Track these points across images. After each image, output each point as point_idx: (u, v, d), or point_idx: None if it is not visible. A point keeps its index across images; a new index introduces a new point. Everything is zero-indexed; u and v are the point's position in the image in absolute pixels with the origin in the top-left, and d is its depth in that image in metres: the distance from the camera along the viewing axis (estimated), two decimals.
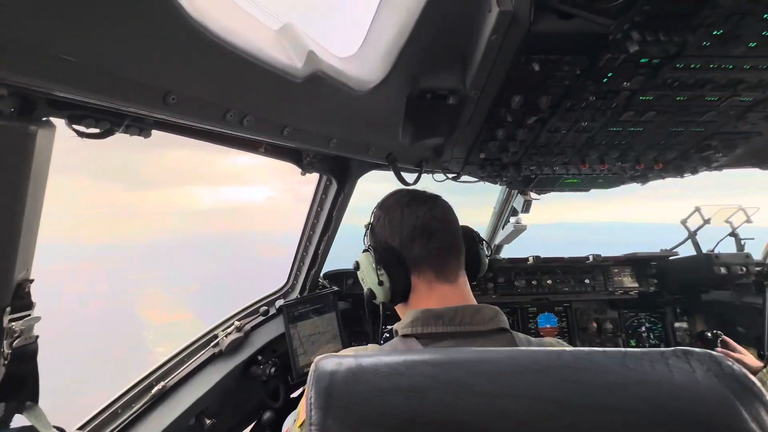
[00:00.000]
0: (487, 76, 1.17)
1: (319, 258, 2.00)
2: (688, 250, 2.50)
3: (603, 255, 2.49)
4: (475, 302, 0.96)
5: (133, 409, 1.55)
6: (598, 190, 2.15)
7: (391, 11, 1.13)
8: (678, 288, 2.48)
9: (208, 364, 1.82)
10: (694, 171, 1.86)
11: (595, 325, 2.58)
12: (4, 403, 0.88)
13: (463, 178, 2.05)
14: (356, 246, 1.18)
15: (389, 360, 0.47)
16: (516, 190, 2.66)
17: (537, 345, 0.89)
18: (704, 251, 2.37)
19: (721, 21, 0.97)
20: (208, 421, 1.73)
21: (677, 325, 2.57)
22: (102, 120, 0.78)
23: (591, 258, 2.46)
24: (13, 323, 0.83)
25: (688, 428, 0.42)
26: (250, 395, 2.01)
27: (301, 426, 0.79)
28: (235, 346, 1.90)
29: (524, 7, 0.94)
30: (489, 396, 0.43)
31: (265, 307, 2.02)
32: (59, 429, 0.98)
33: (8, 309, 0.82)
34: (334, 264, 2.29)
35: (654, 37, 0.99)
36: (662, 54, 1.09)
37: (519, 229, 2.78)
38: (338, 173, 1.65)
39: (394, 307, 1.09)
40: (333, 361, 0.47)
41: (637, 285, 2.52)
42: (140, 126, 0.87)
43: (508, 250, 3.14)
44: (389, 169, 1.61)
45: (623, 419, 0.42)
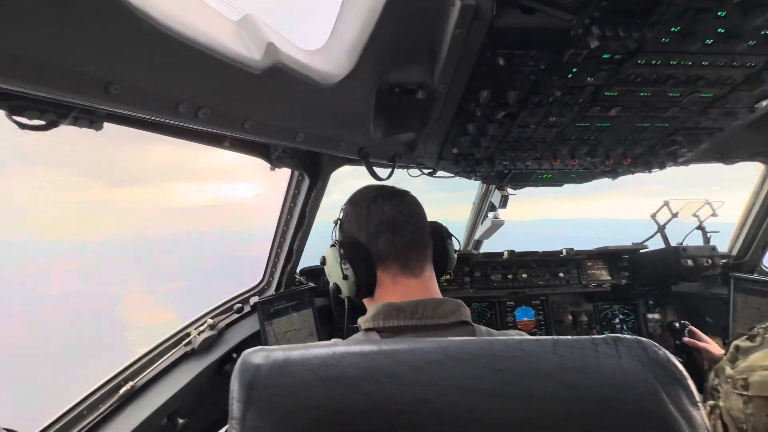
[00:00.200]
0: (453, 70, 1.17)
1: (294, 254, 1.98)
2: (658, 244, 2.57)
3: (576, 249, 2.54)
4: (438, 296, 0.96)
5: (100, 411, 1.51)
6: (583, 189, 2.19)
7: (356, 4, 1.11)
8: (649, 280, 2.55)
9: (180, 363, 1.79)
10: (662, 166, 1.91)
11: (571, 317, 2.64)
12: None
13: (439, 173, 2.05)
14: None
15: (319, 352, 0.47)
16: (494, 186, 2.69)
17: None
18: (673, 244, 2.44)
19: (677, 17, 0.99)
20: (181, 421, 1.70)
21: (649, 316, 2.64)
22: (46, 111, 0.75)
23: (564, 252, 2.51)
24: None
25: (611, 412, 0.43)
26: (225, 394, 1.97)
27: None
28: (209, 344, 1.87)
29: (487, 1, 0.94)
30: (413, 385, 0.43)
31: (240, 305, 1.99)
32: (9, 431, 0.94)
33: None
34: (313, 260, 2.27)
35: (613, 33, 1.00)
36: (623, 50, 1.11)
37: (497, 224, 2.81)
38: (310, 168, 1.64)
39: (363, 302, 1.09)
40: (261, 355, 0.47)
41: (609, 278, 2.58)
42: (90, 118, 0.84)
43: (492, 246, 3.17)
44: (362, 164, 1.60)
45: (548, 406, 0.43)
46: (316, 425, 0.42)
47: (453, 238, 1.17)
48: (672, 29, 1.04)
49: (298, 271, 2.20)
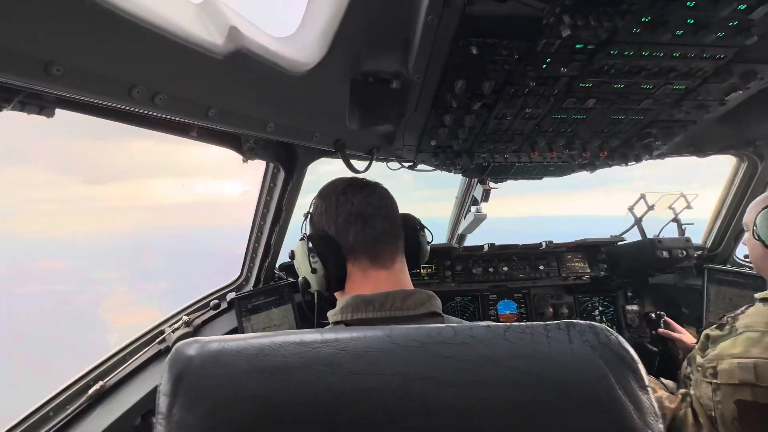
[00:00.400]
0: (428, 59, 1.15)
1: (272, 249, 1.95)
2: (636, 236, 2.62)
3: (555, 241, 2.56)
4: (409, 288, 0.95)
5: (67, 411, 1.46)
6: (566, 186, 2.20)
7: None
8: (627, 272, 2.59)
9: (154, 361, 1.74)
10: (638, 159, 1.93)
11: (551, 310, 2.67)
12: None
13: (420, 167, 2.04)
14: None
15: (257, 342, 0.45)
16: (476, 180, 2.69)
17: None
18: (650, 237, 2.48)
19: (647, 7, 0.98)
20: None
21: (628, 307, 2.69)
22: None
23: (544, 244, 2.53)
24: None
25: (561, 398, 0.42)
26: None
27: None
28: None
29: None
30: (353, 374, 0.42)
31: (216, 301, 1.95)
32: None
33: None
34: None
35: (584, 22, 1.00)
36: (595, 39, 1.10)
37: (479, 218, 2.81)
38: (285, 160, 1.60)
39: (335, 295, 1.07)
40: (195, 346, 0.44)
41: (589, 270, 2.61)
42: (38, 104, 0.80)
43: (477, 242, 3.17)
44: (338, 157, 1.58)
45: (497, 392, 0.42)
46: (248, 417, 0.40)
47: (426, 230, 1.16)
48: (643, 19, 1.04)
49: (277, 266, 2.16)
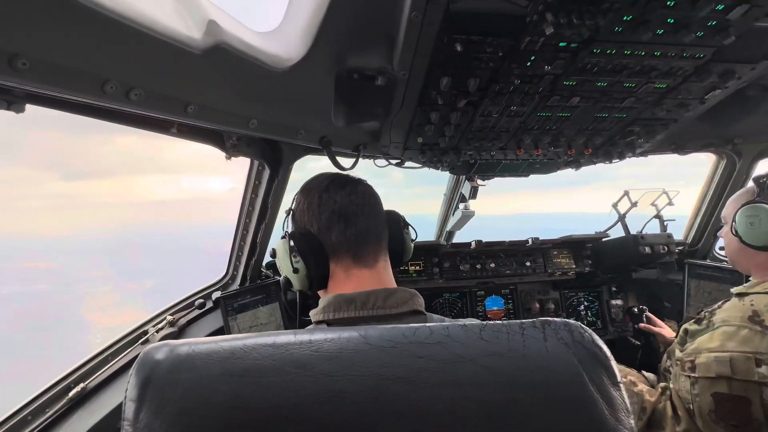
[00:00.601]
0: (412, 56, 1.15)
1: (258, 247, 1.92)
2: (620, 233, 2.66)
3: (542, 238, 2.59)
4: (392, 286, 0.95)
5: (47, 415, 1.43)
6: (555, 184, 2.22)
7: None
8: (611, 267, 2.64)
9: None
10: (621, 156, 1.96)
11: (538, 305, 2.70)
12: None
13: (407, 164, 2.04)
14: None
15: (229, 344, 0.44)
16: (464, 177, 2.70)
17: None
18: (633, 233, 2.53)
19: (629, 5, 0.99)
20: None
21: (612, 302, 2.74)
22: None
23: (531, 241, 2.56)
24: None
25: (534, 396, 0.42)
26: None
27: None
28: None
29: None
30: (326, 376, 0.41)
31: (201, 300, 1.92)
32: None
33: None
34: None
35: (567, 20, 1.00)
36: (578, 38, 1.11)
37: (467, 215, 2.82)
38: (270, 158, 1.58)
39: (318, 294, 1.06)
40: (163, 350, 0.43)
41: (574, 266, 2.65)
42: (7, 99, 0.77)
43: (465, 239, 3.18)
44: (324, 154, 1.56)
45: (469, 392, 0.42)
46: (218, 422, 0.39)
47: (410, 228, 1.15)
48: (624, 18, 1.05)
49: (264, 264, 2.14)
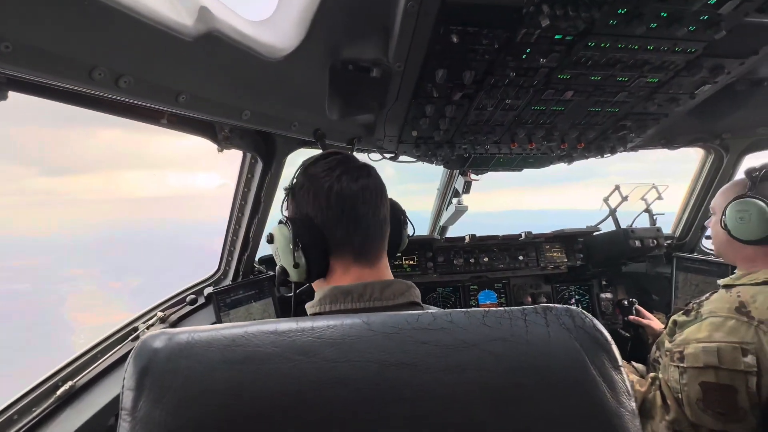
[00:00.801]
0: (408, 47, 1.14)
1: (251, 242, 1.90)
2: (611, 227, 2.70)
3: (534, 232, 2.61)
4: (389, 278, 0.94)
5: (34, 414, 1.39)
6: (548, 180, 2.23)
7: None
8: (601, 261, 2.67)
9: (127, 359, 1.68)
10: (613, 151, 1.98)
11: (530, 299, 2.73)
12: None
13: (401, 158, 2.03)
14: None
15: (229, 332, 0.43)
16: (457, 172, 2.70)
17: None
18: (623, 227, 2.56)
19: None
20: None
21: (602, 295, 2.78)
22: None
23: (523, 235, 2.58)
24: None
25: (537, 380, 0.42)
26: None
27: None
28: None
29: None
30: (329, 362, 0.41)
31: (193, 296, 1.89)
32: None
33: None
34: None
35: (563, 12, 1.00)
36: (573, 30, 1.11)
37: (460, 210, 2.83)
38: (263, 150, 1.55)
39: (312, 285, 1.03)
40: (162, 338, 0.42)
41: (566, 260, 2.68)
42: None
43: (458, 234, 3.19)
44: (318, 147, 1.54)
45: (473, 377, 0.42)
46: (219, 411, 0.38)
47: (409, 222, 1.13)
48: (619, 11, 1.05)
49: (257, 259, 2.12)
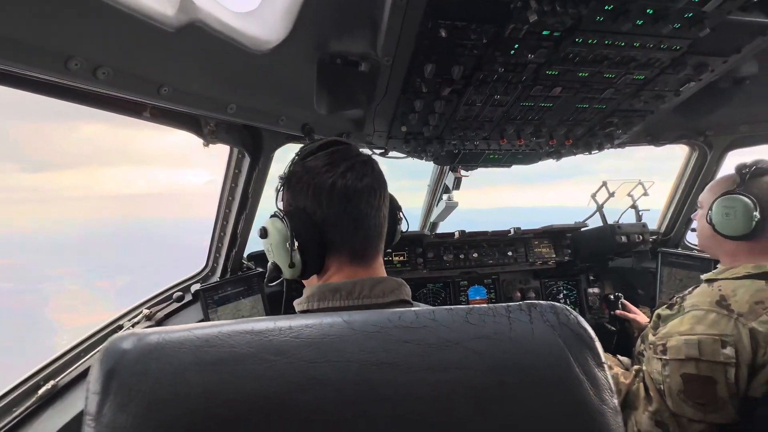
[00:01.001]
0: (396, 41, 1.13)
1: (239, 238, 1.88)
2: (598, 222, 2.74)
3: (523, 228, 2.64)
4: (381, 275, 0.92)
5: (14, 414, 1.36)
6: (539, 178, 2.24)
7: None
8: (589, 256, 2.71)
9: None
10: (600, 147, 2.00)
11: (519, 294, 2.76)
12: None
13: (391, 154, 2.02)
14: None
15: (203, 332, 0.42)
16: (447, 168, 2.71)
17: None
18: (610, 222, 2.60)
19: None
20: None
21: (589, 290, 2.82)
22: None
23: (512, 231, 2.60)
24: None
25: (520, 378, 0.42)
26: None
27: None
28: None
29: None
30: (307, 362, 0.40)
31: (180, 293, 1.86)
32: None
33: None
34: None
35: (551, 7, 1.00)
36: (560, 26, 1.12)
37: (451, 206, 2.84)
38: (250, 145, 1.53)
39: (303, 282, 1.02)
40: (131, 339, 0.41)
41: (554, 255, 2.71)
42: None
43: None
44: (306, 142, 1.53)
45: (456, 375, 0.42)
46: (191, 415, 0.37)
47: (404, 218, 1.11)
48: (606, 7, 1.06)
49: (245, 256, 2.09)
